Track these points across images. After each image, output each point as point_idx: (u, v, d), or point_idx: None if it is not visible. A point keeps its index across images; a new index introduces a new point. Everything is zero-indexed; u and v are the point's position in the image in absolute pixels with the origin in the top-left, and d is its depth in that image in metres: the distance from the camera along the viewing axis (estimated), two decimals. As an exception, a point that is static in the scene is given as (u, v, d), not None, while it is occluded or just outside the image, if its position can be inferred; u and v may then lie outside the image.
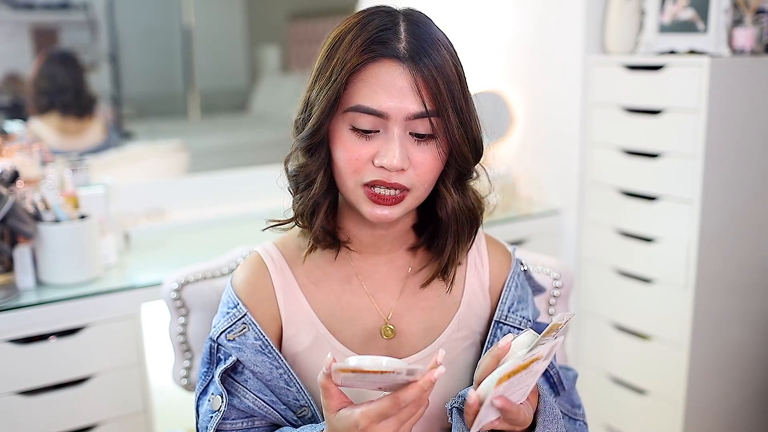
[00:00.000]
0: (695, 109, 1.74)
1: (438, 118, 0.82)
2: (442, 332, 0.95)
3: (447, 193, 0.89)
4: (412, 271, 0.97)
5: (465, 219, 0.92)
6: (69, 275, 1.55)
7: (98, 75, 3.34)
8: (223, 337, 0.91)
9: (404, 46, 0.81)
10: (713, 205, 1.80)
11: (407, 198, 0.86)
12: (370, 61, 0.81)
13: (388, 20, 0.83)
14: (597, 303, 2.11)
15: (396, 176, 0.83)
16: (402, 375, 0.72)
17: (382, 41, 0.81)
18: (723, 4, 1.75)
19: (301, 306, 0.93)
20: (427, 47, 0.82)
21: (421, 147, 0.84)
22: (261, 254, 0.96)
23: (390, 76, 0.81)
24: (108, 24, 3.63)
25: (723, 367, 1.93)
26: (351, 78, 0.82)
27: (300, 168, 0.89)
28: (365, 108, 0.81)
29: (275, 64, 4.45)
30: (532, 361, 0.72)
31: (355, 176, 0.84)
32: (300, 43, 4.42)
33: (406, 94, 0.81)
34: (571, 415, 1.02)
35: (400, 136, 0.82)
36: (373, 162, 0.83)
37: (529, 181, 2.28)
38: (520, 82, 2.26)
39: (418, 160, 0.83)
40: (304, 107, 0.88)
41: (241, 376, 0.91)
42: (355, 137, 0.83)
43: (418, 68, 0.80)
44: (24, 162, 1.73)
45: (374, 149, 0.83)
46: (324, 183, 0.88)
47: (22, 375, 1.48)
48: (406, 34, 0.82)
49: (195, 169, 2.59)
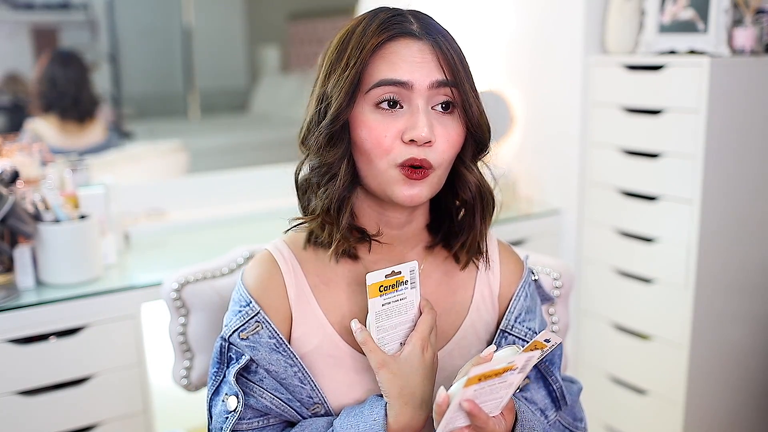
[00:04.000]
0: (695, 109, 1.74)
1: (456, 89, 0.85)
2: (451, 338, 0.95)
3: (467, 171, 0.91)
4: (425, 272, 0.96)
5: (488, 194, 0.94)
6: (69, 275, 1.55)
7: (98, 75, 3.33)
8: (236, 336, 0.90)
9: (417, 26, 0.86)
10: (713, 205, 1.80)
11: (431, 176, 0.87)
12: (387, 40, 0.85)
13: (396, 11, 0.88)
14: (597, 303, 2.11)
15: (425, 151, 0.84)
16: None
17: (396, 22, 0.86)
18: (723, 4, 1.75)
19: (311, 306, 0.93)
20: (437, 28, 0.88)
21: (444, 120, 0.86)
22: (272, 252, 0.95)
23: (409, 49, 0.85)
24: (108, 24, 3.63)
25: (723, 367, 1.93)
26: (370, 59, 0.85)
27: (321, 161, 0.89)
28: (389, 80, 0.84)
29: (275, 64, 4.46)
30: (505, 369, 0.72)
31: (386, 156, 0.85)
32: (300, 43, 4.42)
33: (428, 62, 0.84)
34: (572, 429, 1.01)
35: (424, 109, 0.84)
36: (401, 139, 0.84)
37: (529, 181, 2.28)
38: (520, 82, 2.26)
39: (441, 133, 0.86)
40: (319, 102, 0.88)
41: (256, 376, 0.90)
42: (379, 116, 0.85)
43: (435, 41, 0.85)
44: (24, 162, 1.73)
45: (402, 124, 0.85)
46: (348, 173, 0.88)
47: (22, 375, 1.48)
48: (416, 21, 0.87)
49: (195, 169, 2.59)
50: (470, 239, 0.95)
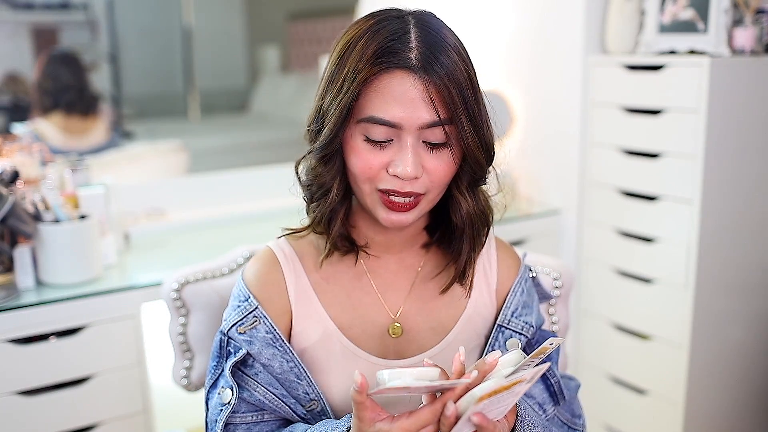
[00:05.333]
0: (695, 109, 1.74)
1: (451, 125, 0.83)
2: (448, 332, 0.96)
3: (461, 197, 0.90)
4: (422, 270, 0.97)
5: (479, 222, 0.93)
6: (69, 275, 1.55)
7: (98, 75, 3.34)
8: (234, 330, 0.91)
9: (415, 55, 0.81)
10: (713, 205, 1.80)
11: (421, 203, 0.87)
12: (381, 72, 0.81)
13: (399, 27, 0.83)
14: (597, 303, 2.11)
15: (410, 185, 0.84)
16: (436, 382, 0.73)
17: (393, 51, 0.81)
18: (723, 4, 1.75)
19: (311, 302, 0.94)
20: (438, 54, 0.81)
21: (434, 154, 0.85)
22: (273, 249, 0.97)
23: (402, 86, 0.81)
24: (108, 24, 3.63)
25: (723, 367, 1.93)
26: (363, 89, 0.82)
27: (315, 177, 0.90)
28: (378, 119, 0.82)
29: (275, 64, 4.46)
30: (514, 383, 0.72)
31: (369, 183, 0.86)
32: (300, 43, 4.42)
33: (418, 104, 0.81)
34: (571, 425, 1.02)
35: (413, 145, 0.83)
36: (387, 170, 0.84)
37: (529, 181, 2.28)
38: (520, 82, 2.26)
39: (431, 167, 0.84)
40: (316, 115, 0.88)
41: (252, 370, 0.91)
42: (368, 147, 0.84)
43: (429, 78, 0.80)
44: (24, 162, 1.73)
45: (388, 158, 0.84)
46: (340, 191, 0.89)
47: (22, 375, 1.48)
48: (416, 42, 0.82)
49: (195, 169, 2.59)
50: (457, 264, 0.94)
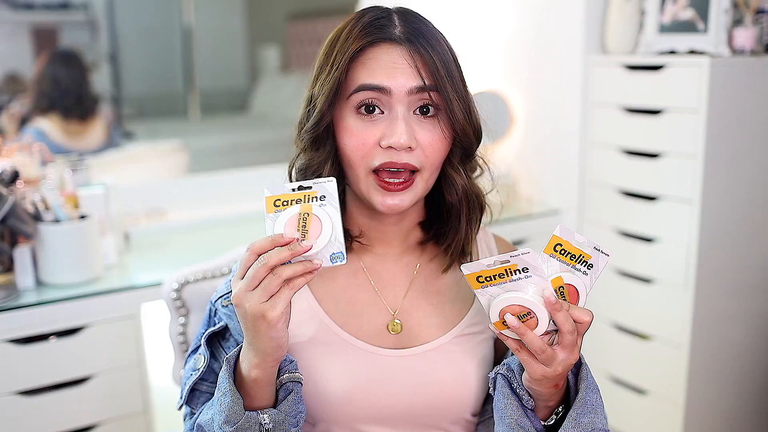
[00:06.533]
0: (695, 109, 1.74)
1: (437, 93, 0.85)
2: (455, 326, 0.95)
3: (455, 173, 0.91)
4: (420, 268, 0.97)
5: (474, 200, 0.94)
6: (69, 275, 1.55)
7: (98, 75, 3.34)
8: (219, 303, 0.94)
9: (400, 30, 0.86)
10: (713, 205, 1.80)
11: (417, 181, 0.87)
12: (368, 45, 0.85)
13: (383, 13, 0.88)
14: (597, 303, 2.11)
15: (406, 156, 0.85)
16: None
17: (379, 26, 0.86)
18: (723, 4, 1.75)
19: (304, 296, 0.94)
20: (421, 30, 0.87)
21: (425, 125, 0.86)
22: None
23: (389, 56, 0.85)
24: (108, 24, 3.63)
25: (723, 367, 1.93)
26: (352, 64, 0.85)
27: (308, 161, 0.91)
28: (368, 85, 0.84)
29: (275, 64, 4.46)
30: (499, 270, 0.76)
31: (363, 162, 0.86)
32: (300, 43, 4.42)
33: (404, 70, 0.84)
34: None
35: (404, 115, 0.85)
36: (380, 145, 0.85)
37: (529, 181, 2.28)
38: (520, 82, 2.26)
39: (423, 138, 0.85)
40: (308, 104, 0.90)
41: (227, 343, 0.93)
42: (360, 122, 0.86)
43: (414, 47, 0.85)
44: (24, 162, 1.73)
45: (380, 131, 0.85)
46: (332, 174, 0.89)
47: (22, 375, 1.48)
48: (400, 21, 0.87)
49: (195, 169, 2.59)
50: (455, 243, 0.94)
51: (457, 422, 0.94)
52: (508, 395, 0.85)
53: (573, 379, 0.87)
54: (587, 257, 0.78)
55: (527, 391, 0.85)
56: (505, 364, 0.88)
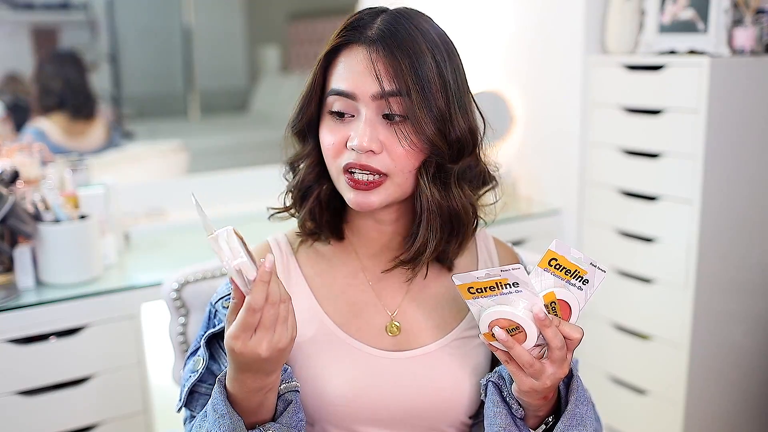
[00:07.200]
0: (695, 109, 1.74)
1: (401, 99, 0.83)
2: (452, 329, 0.95)
3: (424, 186, 0.87)
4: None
5: (444, 217, 0.89)
6: (69, 275, 1.55)
7: (98, 75, 3.34)
8: (220, 304, 0.93)
9: (373, 32, 0.85)
10: (713, 205, 1.80)
11: (386, 184, 0.86)
12: (342, 46, 0.86)
13: (370, 13, 0.87)
14: (597, 303, 2.11)
15: (366, 158, 0.85)
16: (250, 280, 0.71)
17: (356, 27, 0.86)
18: (723, 4, 1.75)
19: (304, 296, 0.94)
20: (396, 32, 0.84)
21: (391, 130, 0.85)
22: (270, 242, 1.00)
23: (355, 59, 0.85)
24: (108, 24, 3.63)
25: (723, 367, 1.93)
26: (329, 66, 0.87)
27: (294, 155, 0.95)
28: (336, 90, 0.86)
29: (275, 64, 4.46)
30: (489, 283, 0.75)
31: (335, 161, 0.88)
32: (300, 43, 4.42)
33: (364, 74, 0.84)
34: None
35: (369, 118, 0.84)
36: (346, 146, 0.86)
37: (529, 181, 2.28)
38: (520, 82, 2.26)
39: (389, 142, 0.85)
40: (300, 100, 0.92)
41: None
42: (333, 123, 0.88)
43: (377, 50, 0.83)
44: (24, 162, 1.73)
45: (348, 132, 0.86)
46: (311, 169, 0.92)
47: (22, 375, 1.48)
48: (380, 23, 0.85)
49: (195, 169, 2.59)
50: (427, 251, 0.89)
51: (453, 425, 0.93)
52: (497, 403, 0.85)
53: (564, 389, 0.87)
54: (583, 272, 0.78)
55: (517, 400, 0.85)
56: (496, 372, 0.88)
